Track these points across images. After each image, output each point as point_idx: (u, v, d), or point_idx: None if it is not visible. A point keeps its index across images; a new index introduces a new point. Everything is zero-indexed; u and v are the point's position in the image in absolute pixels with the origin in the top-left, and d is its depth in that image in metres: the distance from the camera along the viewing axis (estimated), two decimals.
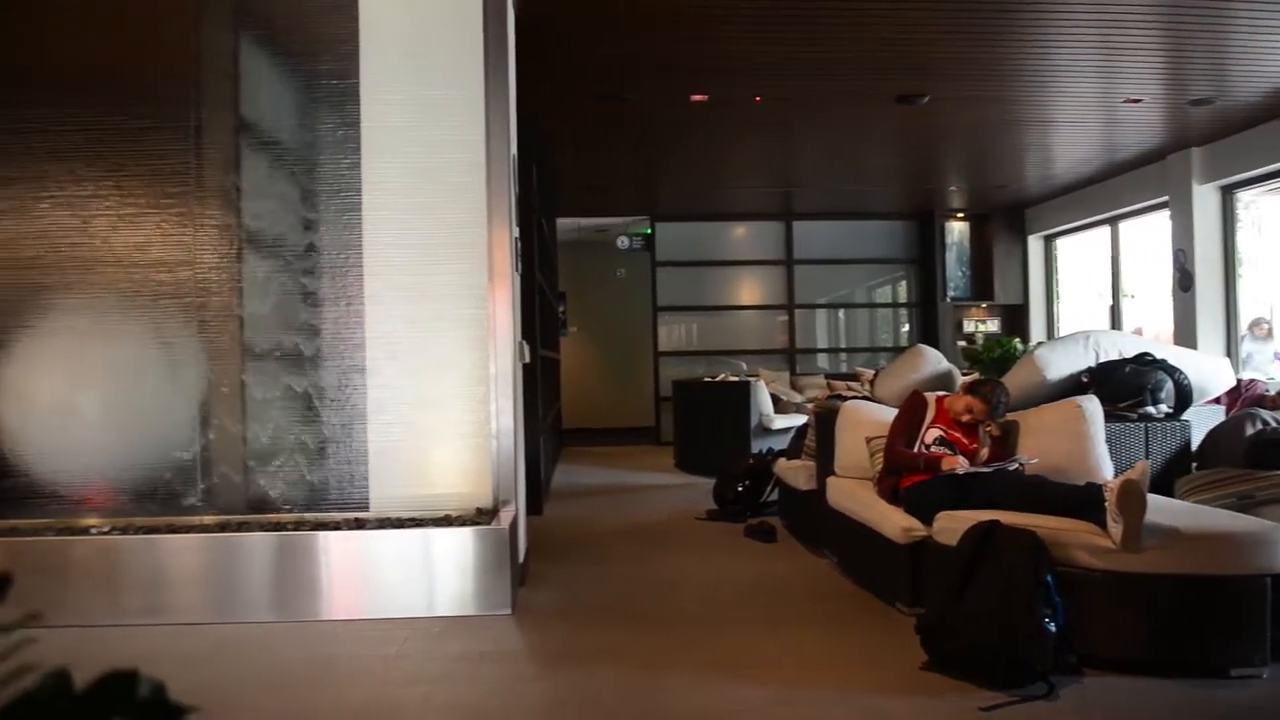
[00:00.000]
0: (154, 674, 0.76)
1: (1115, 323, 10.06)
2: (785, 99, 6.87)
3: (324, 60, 4.40)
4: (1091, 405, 4.02)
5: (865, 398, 5.50)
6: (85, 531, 4.08)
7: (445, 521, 4.09)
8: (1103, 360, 4.48)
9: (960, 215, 11.88)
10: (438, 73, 4.37)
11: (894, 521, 3.82)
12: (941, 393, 4.43)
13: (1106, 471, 3.85)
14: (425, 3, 4.42)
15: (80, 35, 4.44)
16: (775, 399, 9.14)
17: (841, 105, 7.06)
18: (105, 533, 4.06)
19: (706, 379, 9.85)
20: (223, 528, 4.12)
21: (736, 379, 9.44)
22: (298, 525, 4.13)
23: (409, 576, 3.93)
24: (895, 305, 12.52)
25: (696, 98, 6.77)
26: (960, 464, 3.83)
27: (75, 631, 3.31)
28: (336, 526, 4.08)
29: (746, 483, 6.32)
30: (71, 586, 3.84)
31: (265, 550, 3.95)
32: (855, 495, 4.36)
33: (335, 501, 4.33)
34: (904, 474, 4.00)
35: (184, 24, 4.45)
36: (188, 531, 4.05)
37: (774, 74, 6.30)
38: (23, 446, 4.36)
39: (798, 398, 9.80)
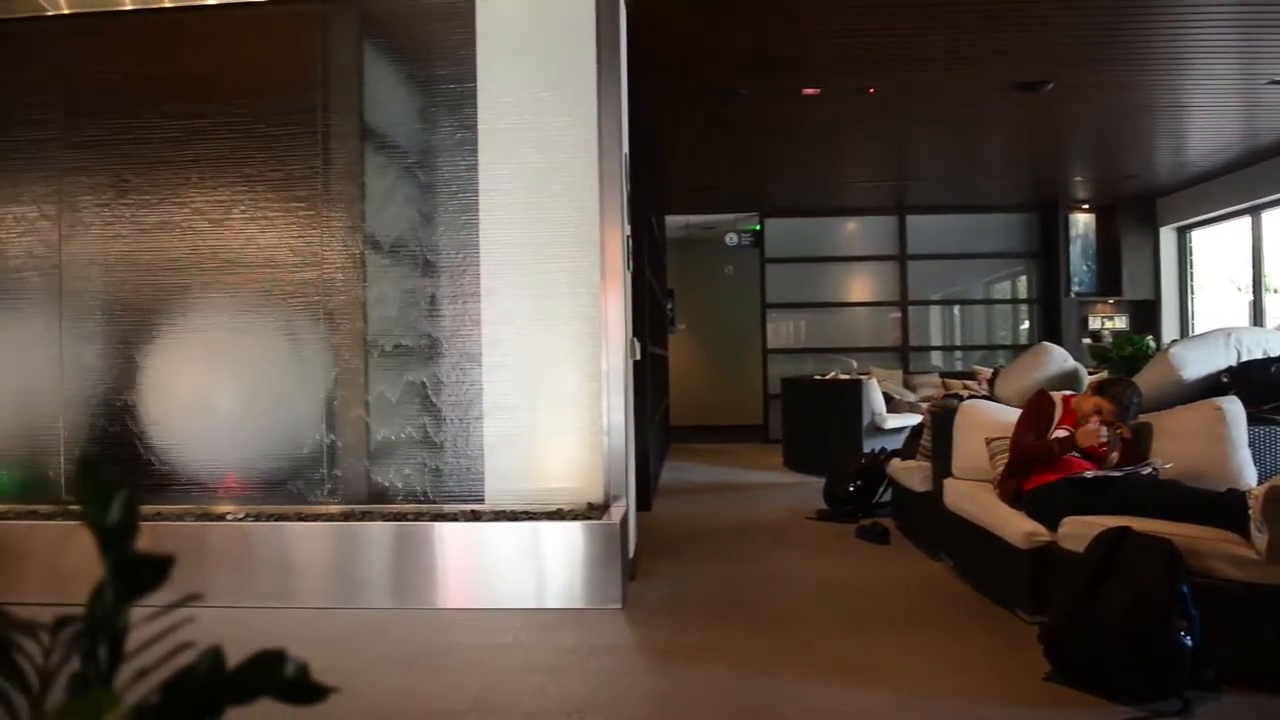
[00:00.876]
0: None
1: (1257, 319, 9.44)
2: (900, 89, 6.71)
3: (443, 65, 4.53)
4: (1233, 407, 3.78)
5: (984, 397, 5.31)
6: (221, 518, 4.33)
7: (557, 515, 4.16)
8: (1245, 359, 4.21)
9: (1085, 206, 11.36)
10: (551, 74, 4.45)
11: (1016, 525, 3.69)
12: (1068, 392, 4.25)
13: (1249, 478, 3.62)
14: (539, 6, 4.50)
15: (218, 49, 4.70)
16: (888, 397, 8.94)
17: (959, 94, 6.84)
18: (240, 519, 4.29)
19: (816, 377, 9.71)
20: (347, 517, 4.31)
21: (847, 377, 9.27)
22: (417, 516, 4.27)
23: (521, 568, 4.02)
24: (1015, 301, 12.06)
25: (808, 91, 6.68)
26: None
27: (211, 612, 3.49)
28: (454, 518, 4.20)
29: (858, 482, 6.21)
30: (209, 569, 4.08)
31: (386, 540, 4.10)
32: (974, 497, 4.23)
33: (452, 494, 4.46)
34: (1030, 475, 3.85)
35: (312, 35, 4.65)
36: (315, 520, 4.25)
37: (888, 64, 6.16)
38: (166, 437, 4.65)
39: (911, 396, 9.57)
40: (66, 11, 4.76)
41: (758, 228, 11.58)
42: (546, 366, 4.43)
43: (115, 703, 0.68)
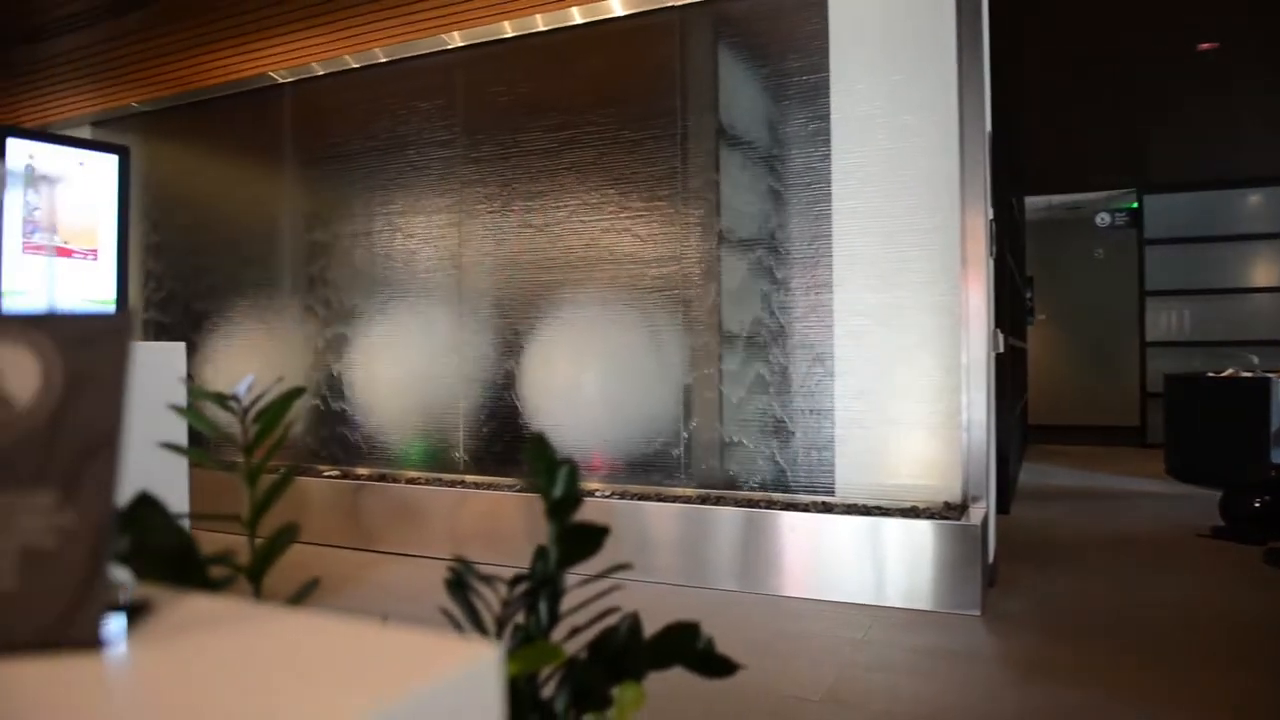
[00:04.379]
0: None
1: None
2: None
3: (795, 58, 4.55)
4: None
5: None
6: (590, 494, 4.71)
7: (911, 513, 4.03)
8: None
9: None
10: (907, 55, 4.29)
11: None
12: None
13: None
14: None
15: (587, 63, 5.10)
16: None
17: None
18: (606, 497, 4.64)
19: (1210, 374, 8.51)
20: (702, 500, 4.49)
21: (1250, 374, 8.03)
22: (768, 504, 4.35)
23: (870, 564, 3.94)
24: None
25: (1204, 46, 5.86)
26: None
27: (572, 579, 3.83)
28: (804, 508, 4.22)
29: (1266, 498, 5.35)
30: None
31: (736, 524, 4.23)
32: None
33: (802, 484, 4.49)
34: None
35: (670, 42, 4.89)
36: (672, 501, 4.49)
37: None
38: (543, 417, 5.15)
39: None
40: (462, 44, 5.42)
41: (1134, 205, 10.38)
42: (900, 358, 4.30)
43: (557, 654, 0.77)
